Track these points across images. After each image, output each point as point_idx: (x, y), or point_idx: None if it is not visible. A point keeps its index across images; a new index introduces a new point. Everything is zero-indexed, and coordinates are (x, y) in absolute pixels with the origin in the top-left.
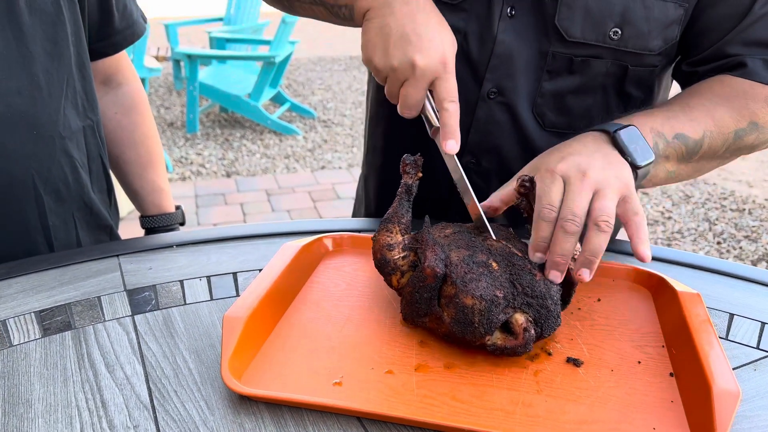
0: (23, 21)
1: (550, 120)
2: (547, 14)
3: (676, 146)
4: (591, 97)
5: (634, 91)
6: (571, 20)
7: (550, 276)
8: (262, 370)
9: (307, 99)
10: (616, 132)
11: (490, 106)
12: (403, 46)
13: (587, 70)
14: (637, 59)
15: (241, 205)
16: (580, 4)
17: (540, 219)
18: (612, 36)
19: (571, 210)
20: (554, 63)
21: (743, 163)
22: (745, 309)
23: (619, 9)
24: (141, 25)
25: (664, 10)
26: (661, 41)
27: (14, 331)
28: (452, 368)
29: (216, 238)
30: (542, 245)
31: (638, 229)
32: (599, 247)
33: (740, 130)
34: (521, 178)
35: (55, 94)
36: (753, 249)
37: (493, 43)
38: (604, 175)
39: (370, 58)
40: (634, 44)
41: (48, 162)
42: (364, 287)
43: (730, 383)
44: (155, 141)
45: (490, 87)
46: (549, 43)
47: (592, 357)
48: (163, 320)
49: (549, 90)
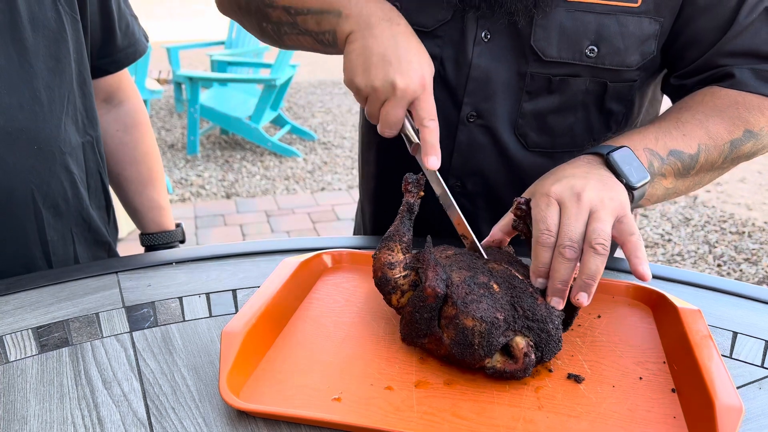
0: (26, 37)
1: (532, 140)
2: (523, 36)
3: (671, 163)
4: (572, 115)
5: (615, 107)
6: (546, 40)
7: (552, 303)
8: (260, 386)
9: (307, 122)
10: (609, 154)
11: (470, 129)
12: (384, 68)
13: (566, 88)
14: (615, 75)
15: (241, 226)
16: (554, 24)
17: (538, 245)
18: (588, 54)
19: (568, 236)
20: (533, 83)
21: (742, 185)
22: (748, 328)
23: (594, 27)
24: (143, 43)
25: (639, 25)
26: (638, 56)
27: (11, 348)
28: (453, 385)
29: (215, 255)
30: (543, 270)
31: (636, 249)
32: (596, 270)
33: (736, 140)
34: (517, 201)
35: (56, 110)
36: (753, 272)
37: (468, 68)
38: (598, 197)
39: (351, 79)
40: (611, 61)
41: (47, 177)
42: (363, 303)
43: (733, 399)
44: (156, 159)
45: (469, 111)
46: (526, 64)
47: (593, 373)
48: (161, 337)
49: (529, 110)
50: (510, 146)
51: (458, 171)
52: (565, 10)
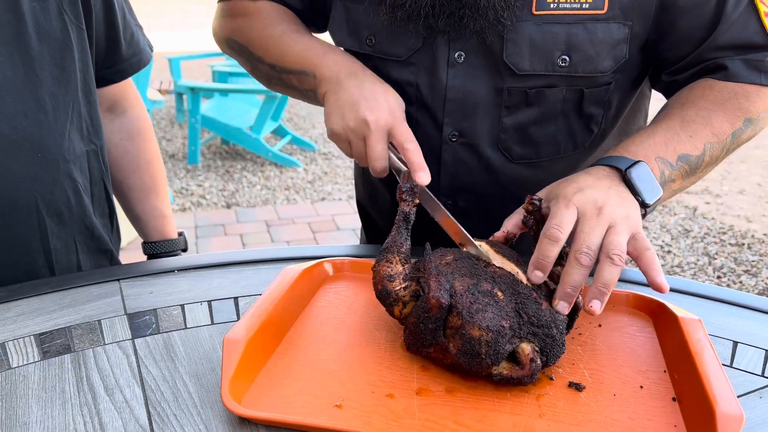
0: (31, 46)
1: (516, 152)
2: (495, 52)
3: (680, 167)
4: (552, 124)
5: (594, 110)
6: (518, 55)
7: (558, 307)
8: (262, 393)
9: (307, 132)
10: (628, 170)
11: (454, 148)
12: (354, 110)
13: (543, 100)
14: (589, 82)
15: (241, 235)
16: (524, 38)
17: (545, 237)
18: (561, 64)
19: (586, 244)
20: (510, 98)
21: (742, 197)
22: (749, 337)
23: (563, 37)
24: (147, 53)
25: (607, 31)
26: (611, 61)
27: (13, 354)
28: (454, 392)
29: (217, 263)
30: (543, 263)
31: (652, 262)
32: (611, 280)
33: (737, 130)
34: (530, 197)
35: (61, 119)
36: (753, 283)
37: (444, 90)
38: (617, 213)
39: (331, 128)
40: (584, 68)
41: (51, 185)
42: (364, 311)
43: (734, 407)
44: (159, 167)
45: (450, 131)
46: (502, 80)
47: (594, 382)
48: (163, 344)
49: (510, 124)
50: (495, 161)
51: (447, 189)
52: (534, 23)
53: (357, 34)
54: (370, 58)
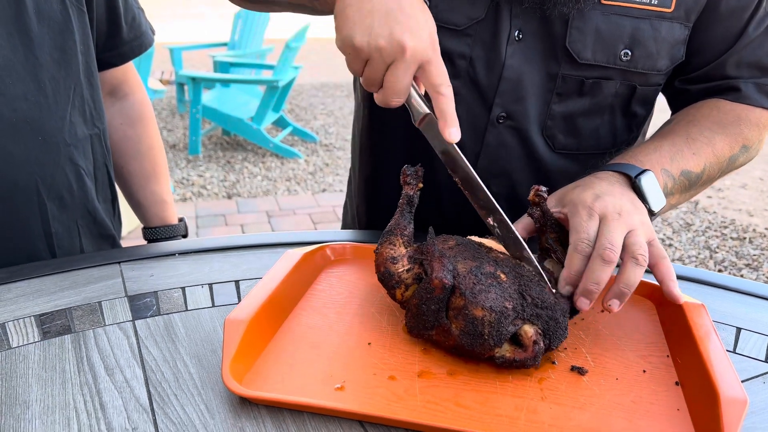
0: (31, 28)
1: (560, 142)
2: (557, 37)
3: (681, 182)
4: (599, 117)
5: (639, 110)
6: (582, 43)
7: (579, 303)
8: (263, 375)
9: (309, 123)
10: (638, 178)
11: (499, 130)
12: (389, 24)
13: (597, 91)
14: (644, 79)
15: (242, 226)
16: (590, 27)
17: (575, 252)
18: (622, 57)
19: (609, 241)
20: (564, 85)
21: (743, 191)
22: (752, 323)
23: (629, 30)
24: (149, 36)
25: (671, 30)
26: (668, 61)
27: (13, 334)
28: (456, 375)
29: (218, 247)
30: (574, 278)
31: (669, 272)
32: (634, 280)
33: (734, 155)
34: (537, 187)
35: (62, 102)
36: (754, 277)
37: (501, 68)
38: (635, 219)
39: (350, 38)
40: (643, 65)
41: (52, 169)
42: (365, 295)
43: (738, 391)
44: (160, 152)
45: (499, 112)
46: (559, 66)
47: (597, 366)
48: (164, 325)
49: (559, 112)
50: (538, 148)
51: (484, 172)
52: (601, 13)
53: None
54: None
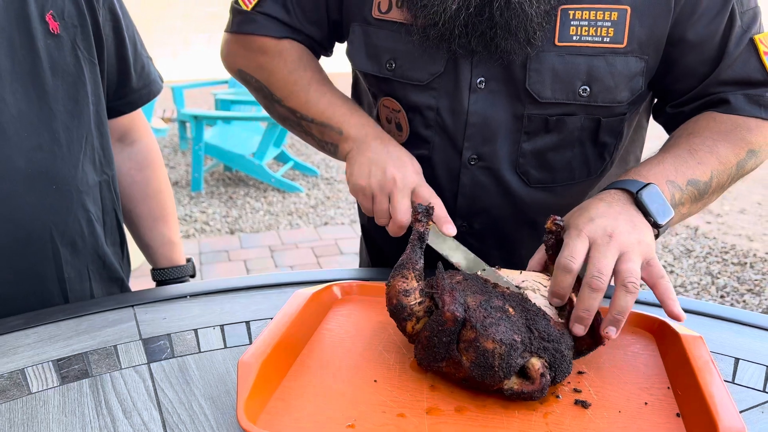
0: (46, 81)
1: (534, 177)
2: (517, 80)
3: (689, 192)
4: (569, 150)
5: (608, 139)
6: (541, 83)
7: (574, 329)
8: (276, 414)
9: (309, 158)
10: (639, 192)
11: (472, 171)
12: (382, 168)
13: (563, 127)
14: (607, 111)
15: (245, 261)
16: (547, 68)
17: (559, 268)
18: (581, 93)
19: (598, 268)
20: (530, 124)
21: (743, 217)
22: (750, 354)
23: (584, 68)
24: (158, 84)
25: (626, 64)
26: (628, 93)
27: (33, 379)
28: (463, 411)
29: (228, 288)
30: (559, 292)
31: (667, 291)
32: (626, 307)
33: (741, 161)
34: (553, 217)
35: (75, 150)
36: (756, 302)
37: (466, 115)
38: (629, 239)
39: (357, 182)
40: (603, 98)
41: (65, 215)
42: (373, 333)
43: (736, 421)
44: (168, 195)
45: (469, 154)
46: (523, 107)
47: (600, 399)
48: (178, 368)
49: (529, 150)
50: (512, 184)
51: (464, 212)
52: (556, 54)
53: (377, 58)
54: (389, 82)
